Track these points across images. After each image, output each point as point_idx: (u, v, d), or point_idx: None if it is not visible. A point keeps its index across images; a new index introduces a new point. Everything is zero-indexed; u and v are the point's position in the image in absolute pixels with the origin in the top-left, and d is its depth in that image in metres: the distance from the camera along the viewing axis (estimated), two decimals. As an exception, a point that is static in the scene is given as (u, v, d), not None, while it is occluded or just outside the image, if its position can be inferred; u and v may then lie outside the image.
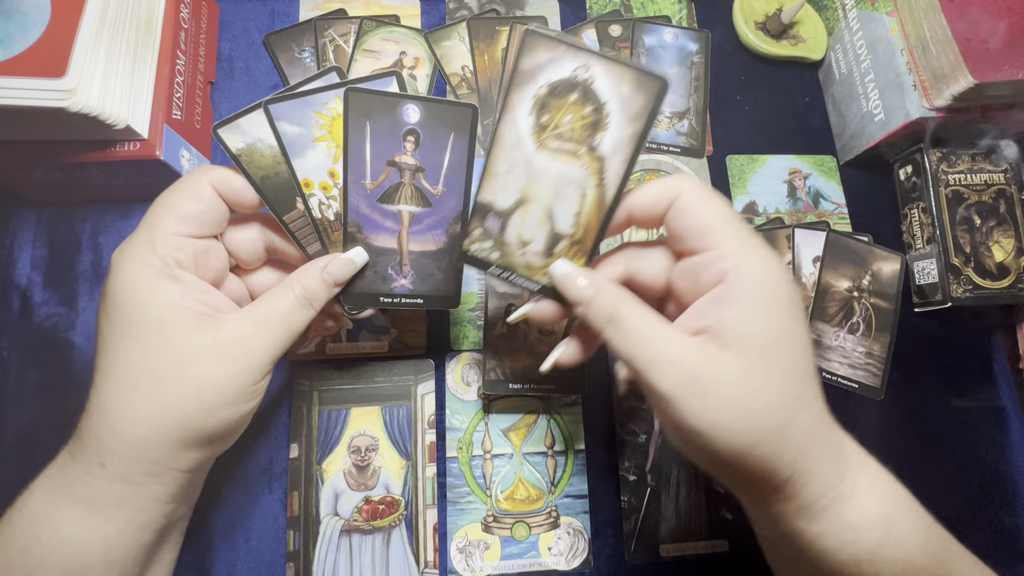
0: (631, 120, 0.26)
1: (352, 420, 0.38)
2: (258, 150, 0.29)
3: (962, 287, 0.41)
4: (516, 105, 0.26)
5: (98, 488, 0.25)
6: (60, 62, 0.30)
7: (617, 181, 0.27)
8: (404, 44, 0.45)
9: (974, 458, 0.42)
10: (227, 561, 0.35)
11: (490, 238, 0.28)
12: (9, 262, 0.39)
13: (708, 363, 0.23)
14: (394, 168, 0.29)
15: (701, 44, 0.48)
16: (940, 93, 0.39)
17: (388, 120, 0.28)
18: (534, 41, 0.25)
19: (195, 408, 0.25)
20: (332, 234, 0.30)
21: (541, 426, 0.39)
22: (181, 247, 0.26)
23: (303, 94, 0.29)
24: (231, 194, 0.28)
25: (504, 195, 0.27)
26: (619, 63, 0.25)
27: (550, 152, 0.27)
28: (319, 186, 0.29)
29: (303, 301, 0.28)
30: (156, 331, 0.25)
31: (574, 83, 0.26)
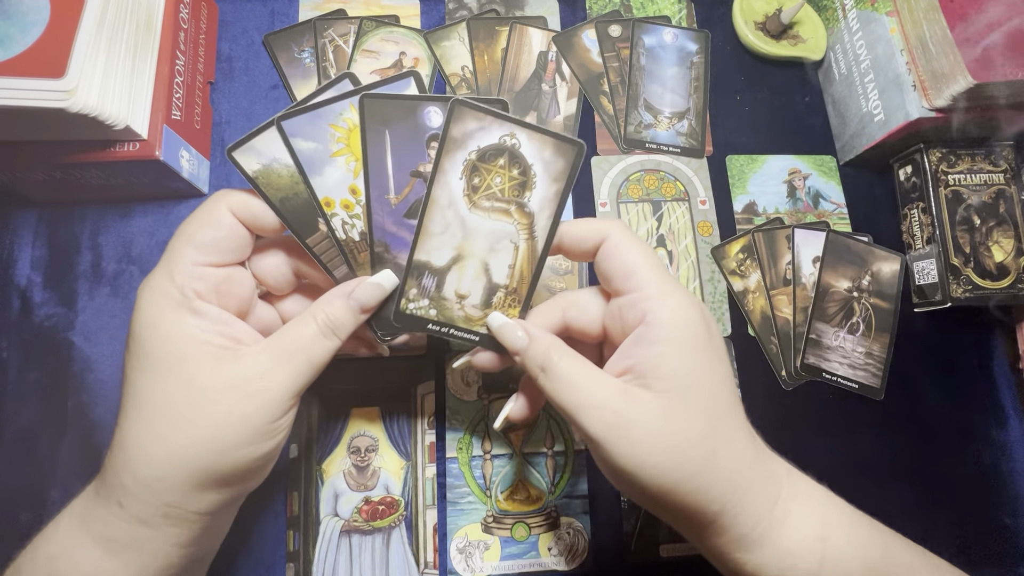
0: (554, 180, 0.28)
1: (352, 420, 0.38)
2: (275, 171, 0.27)
3: (962, 287, 0.41)
4: (448, 170, 0.28)
5: (117, 528, 0.24)
6: (60, 62, 0.30)
7: (545, 234, 0.29)
8: (404, 44, 0.45)
9: (974, 458, 0.42)
10: (227, 561, 0.35)
11: (427, 296, 0.29)
12: (9, 262, 0.39)
13: (630, 405, 0.24)
14: (420, 179, 0.28)
15: (701, 44, 0.48)
16: (940, 93, 0.39)
17: (409, 126, 0.27)
18: (462, 111, 0.27)
19: (210, 449, 0.24)
20: (359, 255, 0.29)
21: (541, 426, 0.39)
22: (201, 277, 0.25)
23: (316, 106, 0.27)
24: (251, 219, 0.27)
25: (439, 253, 0.29)
26: (540, 132, 0.28)
27: (483, 211, 0.28)
28: (341, 205, 0.28)
29: (326, 331, 0.27)
30: (173, 367, 0.24)
31: (502, 148, 0.28)
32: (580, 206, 0.44)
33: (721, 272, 0.43)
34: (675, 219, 0.44)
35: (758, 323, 0.43)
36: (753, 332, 0.43)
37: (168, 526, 0.24)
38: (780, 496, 0.25)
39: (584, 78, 0.47)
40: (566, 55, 0.47)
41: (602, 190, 0.44)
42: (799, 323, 0.42)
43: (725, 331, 0.42)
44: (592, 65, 0.47)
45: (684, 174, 0.45)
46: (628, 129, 0.46)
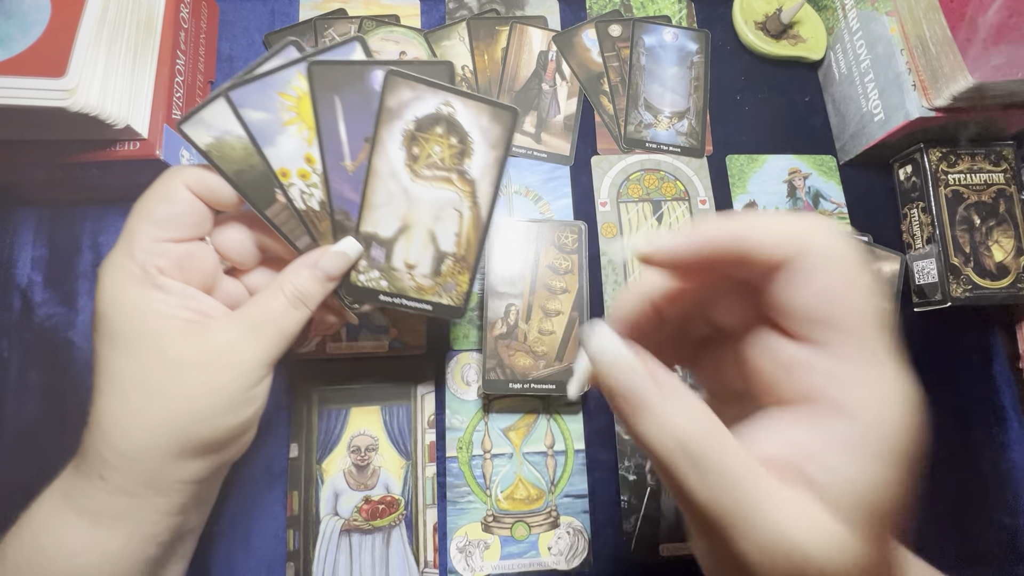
0: (492, 147, 0.29)
1: (352, 420, 0.38)
2: (227, 143, 0.27)
3: (962, 287, 0.41)
4: (387, 140, 0.28)
5: (101, 501, 0.24)
6: (60, 62, 0.30)
7: (488, 200, 0.29)
8: (404, 44, 0.45)
9: (974, 458, 0.42)
10: (227, 561, 0.35)
11: (376, 267, 0.29)
12: (9, 262, 0.39)
13: (819, 546, 0.16)
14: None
15: (701, 44, 0.48)
16: (940, 93, 0.39)
17: (359, 92, 0.27)
18: (396, 81, 0.27)
19: (188, 419, 0.24)
20: (320, 224, 0.29)
21: (541, 426, 0.39)
22: (162, 253, 0.25)
23: (263, 75, 0.27)
24: (208, 193, 0.27)
25: (386, 224, 0.29)
26: (475, 99, 0.28)
27: (425, 180, 0.28)
28: (297, 174, 0.28)
29: (295, 301, 0.27)
30: (142, 342, 0.24)
31: (438, 117, 0.28)
32: (580, 206, 0.44)
33: (721, 272, 0.43)
34: (675, 219, 0.44)
35: (758, 323, 0.42)
36: (753, 332, 0.42)
37: (152, 495, 0.25)
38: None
39: (584, 78, 0.47)
40: (566, 55, 0.47)
41: (602, 190, 0.44)
42: (799, 323, 0.42)
43: (725, 331, 0.42)
44: (592, 65, 0.47)
45: (684, 174, 0.45)
46: (628, 129, 0.46)
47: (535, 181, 0.44)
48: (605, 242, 0.25)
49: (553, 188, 0.44)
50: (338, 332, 0.39)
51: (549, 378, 0.38)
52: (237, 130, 0.27)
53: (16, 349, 0.38)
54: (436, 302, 0.30)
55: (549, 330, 0.39)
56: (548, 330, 0.39)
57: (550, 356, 0.38)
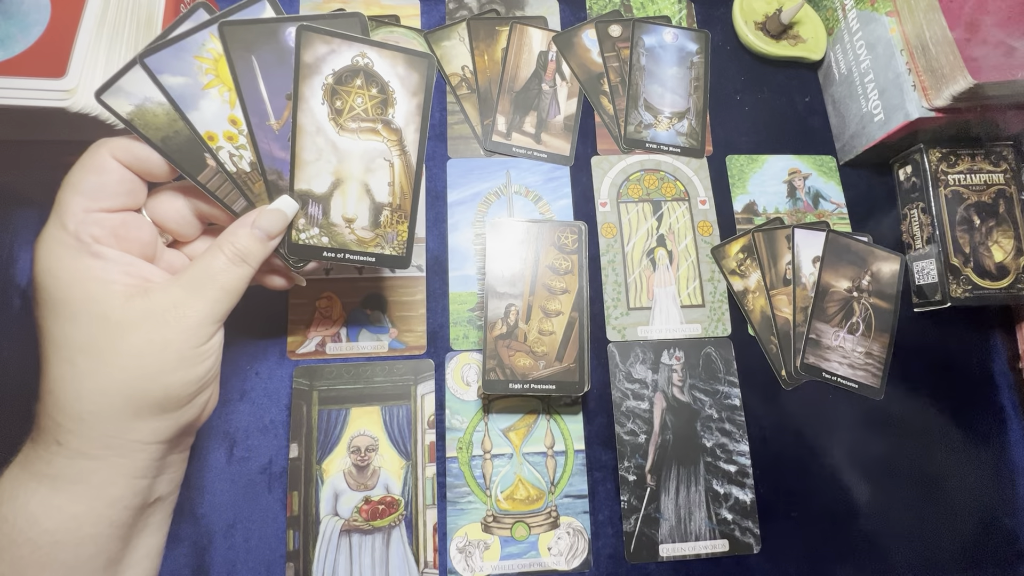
0: (413, 94, 0.29)
1: (352, 420, 0.38)
2: (149, 110, 0.27)
3: (961, 287, 0.41)
4: (308, 96, 0.28)
5: (59, 465, 0.25)
6: (60, 62, 0.30)
7: (416, 147, 0.30)
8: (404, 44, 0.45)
9: (974, 458, 0.42)
10: (227, 561, 0.35)
11: (316, 225, 0.30)
12: (9, 262, 0.39)
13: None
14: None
15: (701, 44, 0.48)
16: (940, 93, 0.39)
17: (274, 50, 0.27)
18: (309, 36, 0.27)
19: (137, 376, 0.25)
20: (254, 186, 0.29)
21: (541, 426, 0.39)
22: (96, 223, 0.26)
23: (176, 39, 0.27)
24: (136, 162, 0.27)
25: (319, 180, 0.29)
26: (389, 48, 0.28)
27: (351, 133, 0.29)
28: (224, 137, 0.28)
29: (235, 259, 0.27)
30: (83, 308, 0.25)
31: (355, 69, 0.28)
32: (580, 206, 0.44)
33: (721, 272, 0.44)
34: (675, 219, 0.44)
35: (758, 323, 0.43)
36: (753, 332, 0.43)
37: (112, 456, 0.25)
38: None
39: (584, 78, 0.47)
40: (566, 55, 0.47)
41: (602, 190, 0.44)
42: (799, 323, 0.42)
43: (725, 331, 0.42)
44: (592, 65, 0.47)
45: (684, 174, 0.45)
46: (628, 129, 0.46)
47: (535, 181, 0.44)
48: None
49: (553, 188, 0.44)
50: (338, 332, 0.39)
51: (549, 378, 0.38)
52: (158, 96, 0.27)
53: (16, 349, 0.38)
54: (379, 253, 0.31)
55: (549, 330, 0.39)
56: (548, 330, 0.39)
57: (550, 356, 0.38)
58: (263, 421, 0.38)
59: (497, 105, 0.45)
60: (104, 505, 0.25)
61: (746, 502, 0.39)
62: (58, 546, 0.24)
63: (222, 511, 0.36)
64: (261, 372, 0.38)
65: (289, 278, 0.33)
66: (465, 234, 0.42)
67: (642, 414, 0.40)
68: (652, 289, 0.43)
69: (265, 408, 0.38)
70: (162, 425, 0.26)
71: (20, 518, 0.24)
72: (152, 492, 0.28)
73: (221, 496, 0.36)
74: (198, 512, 0.36)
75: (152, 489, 0.28)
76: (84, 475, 0.25)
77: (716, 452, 0.40)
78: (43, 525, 0.24)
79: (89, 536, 0.25)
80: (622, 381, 0.41)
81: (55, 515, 0.25)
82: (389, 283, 0.41)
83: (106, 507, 0.26)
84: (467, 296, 0.41)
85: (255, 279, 0.30)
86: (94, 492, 0.25)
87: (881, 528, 0.40)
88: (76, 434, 0.24)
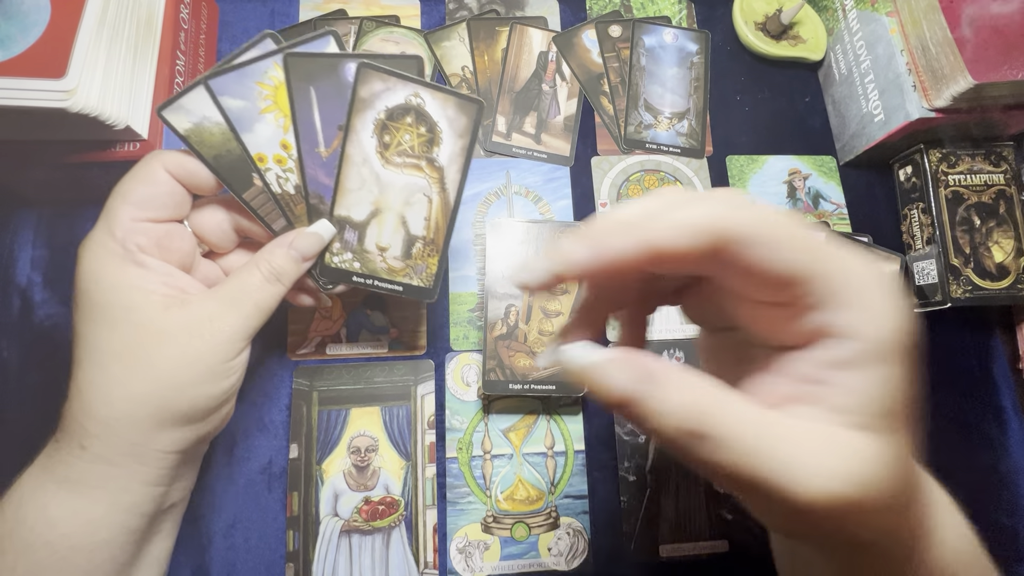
0: (459, 136, 0.30)
1: (352, 420, 0.38)
2: (206, 128, 0.28)
3: (962, 288, 0.41)
4: (360, 129, 0.29)
5: (81, 469, 0.25)
6: (60, 63, 0.30)
7: (455, 186, 0.31)
8: (404, 44, 0.45)
9: (974, 458, 0.42)
10: (227, 561, 0.35)
11: (349, 250, 0.31)
12: (9, 262, 0.39)
13: (859, 461, 0.16)
14: None
15: (701, 44, 0.48)
16: (940, 93, 0.39)
17: (333, 83, 0.29)
18: (368, 74, 0.28)
19: (168, 387, 0.25)
20: (295, 208, 0.30)
21: (541, 426, 0.39)
22: (142, 232, 0.26)
23: (241, 65, 0.28)
24: (186, 176, 0.27)
25: (358, 208, 0.30)
26: (442, 90, 0.29)
27: (395, 167, 0.30)
28: (274, 159, 0.29)
29: (270, 278, 0.28)
30: (122, 315, 0.25)
31: (408, 107, 0.29)
32: (580, 207, 0.44)
33: (721, 272, 0.43)
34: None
35: (758, 323, 0.42)
36: (753, 332, 0.43)
37: (132, 464, 0.25)
38: (924, 528, 0.21)
39: (584, 78, 0.47)
40: (566, 55, 0.47)
41: (602, 190, 0.44)
42: (799, 323, 0.42)
43: (725, 331, 0.42)
44: (592, 65, 0.47)
45: (684, 174, 0.45)
46: (628, 129, 0.46)
47: (535, 182, 0.44)
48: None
49: (553, 189, 0.44)
50: (338, 332, 0.39)
51: (549, 379, 0.38)
52: (216, 116, 0.28)
53: (16, 349, 0.38)
54: (407, 283, 0.31)
55: (549, 331, 0.39)
56: (548, 331, 0.39)
57: (550, 357, 0.38)
58: (263, 421, 0.38)
59: (497, 105, 0.45)
60: (121, 511, 0.26)
61: (746, 502, 0.39)
62: (75, 550, 0.25)
63: (222, 511, 0.36)
64: (261, 372, 0.38)
65: (317, 298, 0.33)
66: (465, 234, 0.42)
67: (642, 414, 0.40)
68: (652, 289, 0.43)
69: (265, 408, 0.38)
70: (183, 436, 0.26)
71: (39, 522, 0.24)
72: (167, 499, 0.28)
73: (221, 496, 0.36)
74: (198, 512, 0.36)
75: (167, 496, 0.28)
76: (104, 480, 0.25)
77: (716, 452, 0.40)
78: (61, 529, 0.24)
79: (104, 541, 0.25)
80: (622, 381, 0.41)
81: (73, 520, 0.25)
82: (389, 283, 0.41)
83: (122, 513, 0.26)
84: (467, 296, 0.41)
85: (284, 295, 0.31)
86: (112, 498, 0.25)
87: (881, 528, 0.40)
88: (101, 439, 0.25)
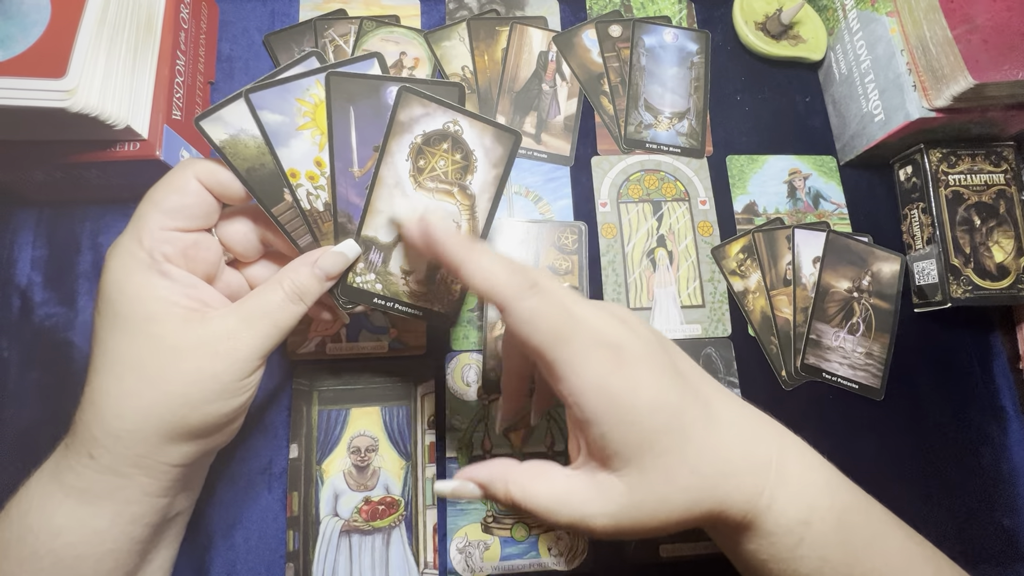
0: (494, 165, 0.30)
1: (352, 420, 0.38)
2: (242, 141, 0.28)
3: (962, 288, 0.41)
4: (395, 151, 0.29)
5: (88, 479, 0.25)
6: (60, 62, 0.30)
7: (485, 215, 0.30)
8: (404, 44, 0.45)
9: (974, 458, 0.42)
10: (227, 561, 0.35)
11: (373, 271, 0.30)
12: (9, 262, 0.39)
13: (603, 500, 0.24)
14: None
15: (701, 44, 0.48)
16: (940, 93, 0.39)
17: (372, 104, 0.29)
18: (409, 98, 0.29)
19: (180, 403, 0.25)
20: (323, 225, 0.30)
21: (541, 426, 0.39)
22: (169, 241, 0.26)
23: (284, 81, 0.28)
24: (218, 187, 0.27)
25: (386, 230, 0.30)
26: (481, 120, 0.29)
27: (427, 191, 0.30)
28: (306, 176, 0.29)
29: (293, 296, 0.27)
30: (143, 326, 0.25)
31: (445, 134, 0.29)
32: (580, 206, 0.44)
33: (721, 272, 0.43)
34: (675, 219, 0.44)
35: (758, 323, 0.43)
36: (753, 332, 0.43)
37: (140, 475, 0.25)
38: (767, 484, 0.25)
39: (584, 78, 0.47)
40: (566, 55, 0.47)
41: (602, 190, 0.44)
42: (799, 323, 0.42)
43: (725, 331, 0.42)
44: (592, 65, 0.47)
45: (684, 174, 0.45)
46: (628, 129, 0.46)
47: (535, 182, 0.44)
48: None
49: (553, 189, 0.44)
50: (338, 332, 0.39)
51: (549, 378, 0.38)
52: (252, 129, 0.28)
53: (16, 349, 0.38)
54: (427, 308, 0.31)
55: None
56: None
57: (550, 356, 0.38)
58: (263, 421, 0.38)
59: (497, 105, 0.45)
60: (126, 521, 0.26)
61: (746, 502, 0.39)
62: (80, 560, 0.25)
63: (222, 511, 0.36)
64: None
65: (336, 316, 0.33)
66: (465, 234, 0.42)
67: (642, 414, 0.40)
68: (652, 289, 0.43)
69: (265, 408, 0.38)
70: (191, 450, 0.26)
71: (45, 530, 0.24)
72: (172, 509, 0.28)
73: (221, 496, 0.36)
74: (198, 512, 0.36)
75: (172, 507, 0.28)
76: (111, 491, 0.25)
77: (716, 452, 0.40)
78: (67, 538, 0.24)
79: (109, 551, 0.25)
80: (622, 381, 0.41)
81: (79, 529, 0.25)
82: (389, 283, 0.41)
83: (128, 524, 0.26)
84: (467, 296, 0.41)
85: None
86: (118, 508, 0.25)
87: (881, 528, 0.40)
88: (110, 450, 0.25)
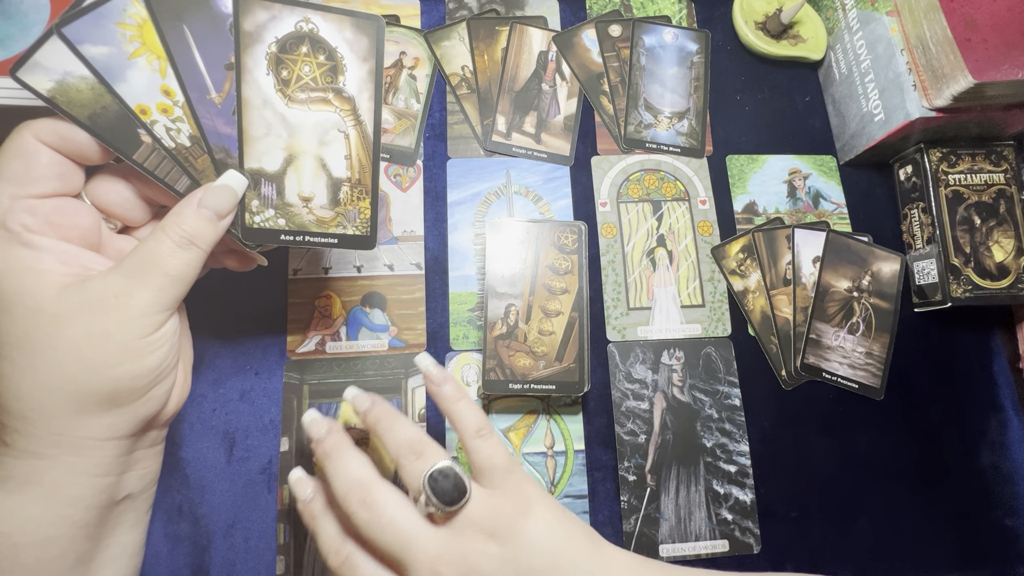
0: (363, 60, 0.27)
1: (343, 413, 0.38)
2: (72, 85, 0.24)
3: (962, 287, 0.41)
4: (252, 67, 0.26)
5: (9, 466, 0.24)
6: (59, 61, 0.30)
7: (371, 116, 0.28)
8: (404, 44, 0.45)
9: (974, 458, 0.42)
10: (227, 561, 0.35)
11: (270, 206, 0.27)
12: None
13: None
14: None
15: (701, 44, 0.48)
16: (940, 93, 0.39)
17: (207, 17, 0.25)
18: (248, 2, 0.25)
19: (78, 371, 0.24)
20: (196, 162, 0.26)
21: (541, 426, 0.39)
22: (26, 210, 0.24)
23: (93, 6, 0.24)
24: (63, 143, 0.25)
25: (270, 157, 0.27)
26: (334, 11, 0.26)
27: (301, 104, 0.27)
28: (158, 109, 0.25)
29: (181, 242, 0.25)
30: (17, 301, 0.23)
31: (300, 36, 0.26)
32: (580, 206, 0.44)
33: (721, 272, 0.43)
34: (675, 219, 0.44)
35: (758, 323, 0.43)
36: (753, 332, 0.43)
37: (65, 455, 0.24)
38: None
39: (584, 78, 0.47)
40: (566, 55, 0.47)
41: (602, 190, 0.44)
42: (799, 323, 0.42)
43: (725, 331, 0.42)
44: (592, 65, 0.47)
45: (684, 174, 0.45)
46: (628, 129, 0.46)
47: (535, 181, 0.44)
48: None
49: (553, 188, 0.44)
50: (338, 332, 0.39)
51: (549, 378, 0.38)
52: (80, 70, 0.24)
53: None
54: (341, 233, 0.29)
55: (549, 330, 0.39)
56: (548, 330, 0.39)
57: (550, 356, 0.38)
58: (263, 421, 0.38)
59: (497, 105, 0.45)
60: (63, 505, 0.24)
61: (746, 502, 0.39)
62: (16, 548, 0.24)
63: (222, 511, 0.36)
64: (261, 372, 0.38)
65: (250, 259, 0.31)
66: (465, 234, 0.42)
67: (642, 414, 0.40)
68: (652, 289, 0.43)
69: (265, 408, 0.38)
70: (117, 420, 0.25)
71: None
72: (119, 490, 0.27)
73: (221, 496, 0.36)
74: (198, 512, 0.36)
75: (119, 487, 0.27)
76: (36, 475, 0.24)
77: (716, 452, 0.40)
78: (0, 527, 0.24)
79: (50, 537, 0.24)
80: (622, 381, 0.41)
81: (9, 517, 0.24)
82: (388, 281, 0.41)
83: (65, 507, 0.25)
84: (467, 296, 0.41)
85: (213, 261, 0.29)
86: (49, 492, 0.24)
87: (881, 528, 0.40)
88: (22, 433, 0.24)
